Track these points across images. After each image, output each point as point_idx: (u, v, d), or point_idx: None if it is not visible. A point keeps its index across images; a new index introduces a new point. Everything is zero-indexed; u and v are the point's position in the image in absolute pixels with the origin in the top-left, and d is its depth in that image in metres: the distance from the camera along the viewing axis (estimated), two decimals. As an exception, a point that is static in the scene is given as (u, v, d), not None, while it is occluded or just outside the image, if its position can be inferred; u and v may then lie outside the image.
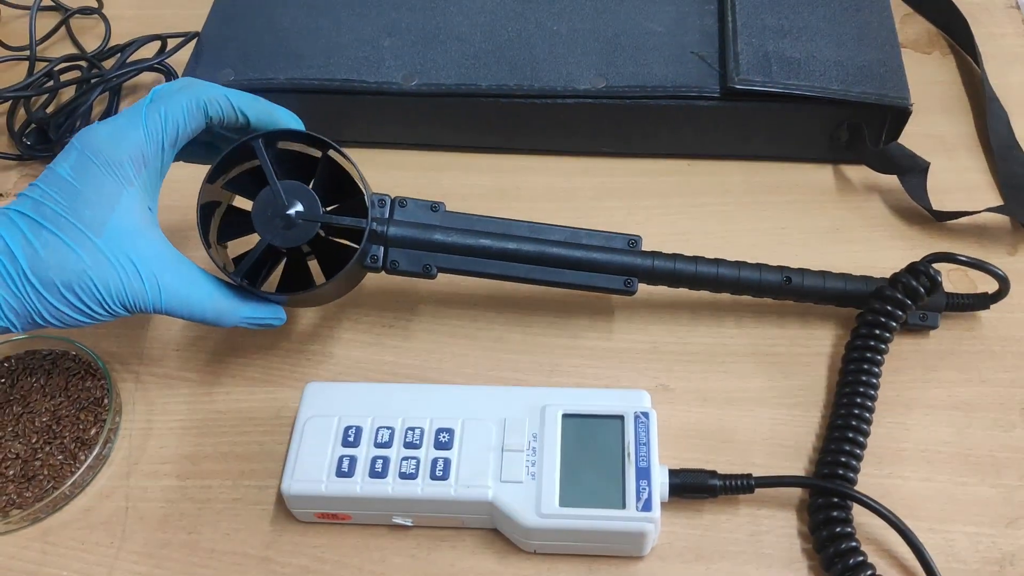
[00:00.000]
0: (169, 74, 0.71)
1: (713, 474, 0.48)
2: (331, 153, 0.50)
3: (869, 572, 0.45)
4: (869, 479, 0.49)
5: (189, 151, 0.50)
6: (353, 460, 0.47)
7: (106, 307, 0.45)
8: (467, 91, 0.62)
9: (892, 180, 0.63)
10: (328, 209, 0.50)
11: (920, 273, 0.52)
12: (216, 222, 0.51)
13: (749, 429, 0.52)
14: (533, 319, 0.58)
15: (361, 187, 0.51)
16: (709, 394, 0.54)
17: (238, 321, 0.49)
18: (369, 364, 0.56)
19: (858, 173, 0.64)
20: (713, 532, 0.48)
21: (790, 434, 0.52)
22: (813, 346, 0.55)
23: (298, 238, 0.49)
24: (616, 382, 0.54)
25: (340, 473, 0.47)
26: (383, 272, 0.52)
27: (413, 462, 0.47)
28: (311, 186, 0.49)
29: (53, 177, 0.45)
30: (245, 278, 0.49)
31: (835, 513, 0.47)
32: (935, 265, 0.52)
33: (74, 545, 0.49)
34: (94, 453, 0.51)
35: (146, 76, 0.73)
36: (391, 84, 0.63)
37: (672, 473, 0.48)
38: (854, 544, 0.46)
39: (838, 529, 0.46)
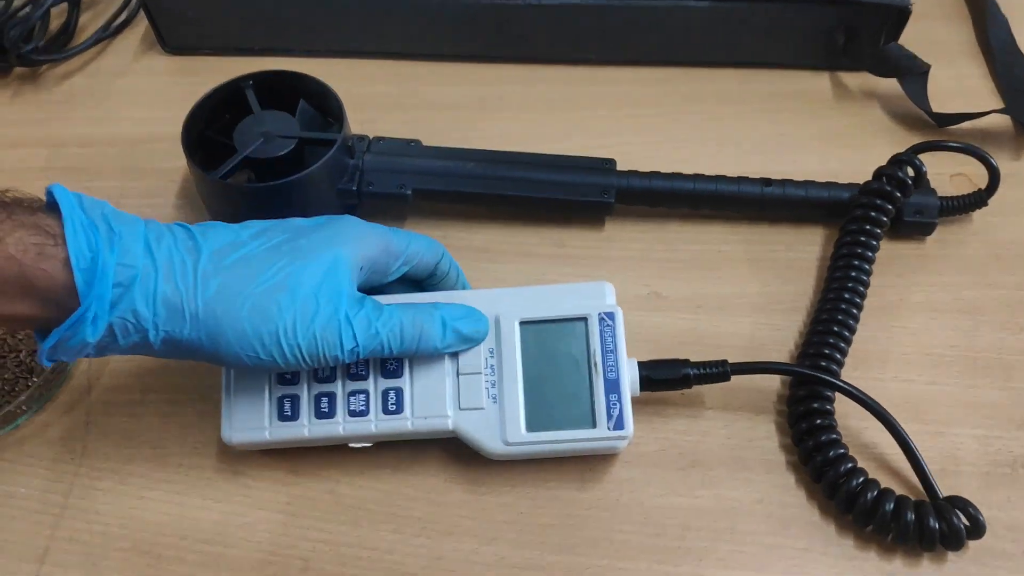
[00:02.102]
0: (131, -15, 0.67)
1: (686, 362, 0.44)
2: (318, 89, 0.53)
3: (850, 465, 0.43)
4: (872, 382, 0.47)
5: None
6: (295, 400, 0.43)
7: (287, 341, 0.38)
8: (446, -7, 0.59)
9: (891, 87, 0.60)
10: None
11: (903, 163, 0.50)
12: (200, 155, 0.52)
13: (744, 335, 0.50)
14: (519, 228, 0.55)
15: (341, 123, 0.52)
16: (702, 300, 0.51)
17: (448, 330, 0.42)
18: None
19: (856, 80, 0.61)
20: (698, 431, 0.47)
21: (785, 339, 0.49)
22: (809, 251, 0.53)
23: (274, 151, 0.50)
24: (606, 291, 0.51)
25: (283, 416, 0.43)
26: (357, 201, 0.52)
27: (362, 397, 0.43)
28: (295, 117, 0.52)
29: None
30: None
31: (815, 404, 0.44)
32: (924, 156, 0.50)
33: (32, 462, 0.47)
34: (51, 367, 0.48)
35: (109, -10, 0.69)
36: (365, -15, 0.59)
37: (642, 365, 0.44)
38: (835, 436, 0.44)
39: (819, 421, 0.44)
